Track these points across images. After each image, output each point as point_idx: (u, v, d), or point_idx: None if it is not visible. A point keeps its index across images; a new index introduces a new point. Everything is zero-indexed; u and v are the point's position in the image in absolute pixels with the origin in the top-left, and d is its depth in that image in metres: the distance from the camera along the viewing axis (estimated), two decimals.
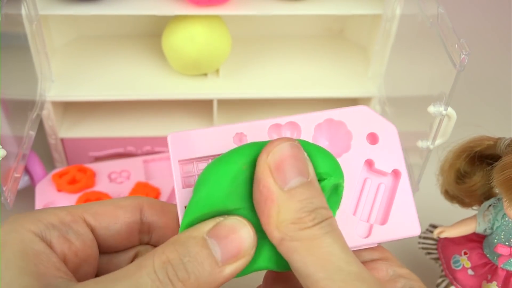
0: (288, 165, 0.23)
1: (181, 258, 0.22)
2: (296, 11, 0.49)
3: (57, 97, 0.50)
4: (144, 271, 0.22)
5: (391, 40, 0.50)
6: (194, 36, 0.49)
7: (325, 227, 0.23)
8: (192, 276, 0.22)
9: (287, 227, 0.23)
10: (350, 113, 0.28)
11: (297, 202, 0.23)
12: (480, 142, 0.37)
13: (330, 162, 0.26)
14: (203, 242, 0.23)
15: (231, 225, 0.24)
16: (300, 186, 0.23)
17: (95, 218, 0.27)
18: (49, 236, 0.25)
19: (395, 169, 0.28)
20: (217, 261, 0.23)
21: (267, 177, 0.23)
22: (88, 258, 0.26)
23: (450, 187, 0.40)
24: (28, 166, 0.48)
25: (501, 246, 0.37)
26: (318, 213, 0.23)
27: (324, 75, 0.55)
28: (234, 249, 0.23)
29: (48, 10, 0.47)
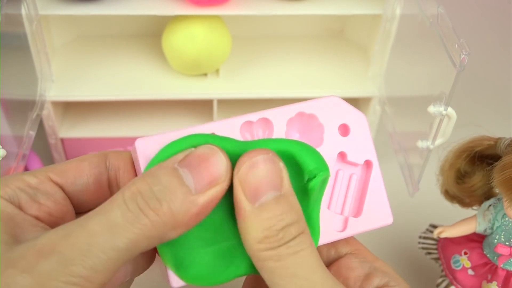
0: (260, 179, 0.23)
1: (151, 188, 0.22)
2: (296, 11, 0.49)
3: (57, 97, 0.50)
4: (115, 204, 0.21)
5: (391, 40, 0.50)
6: (194, 36, 0.49)
7: (293, 247, 0.23)
8: (164, 204, 0.21)
9: (254, 246, 0.23)
10: (320, 104, 0.28)
11: (265, 220, 0.23)
12: (480, 142, 0.37)
13: (317, 157, 0.25)
14: (173, 172, 0.22)
15: (202, 153, 0.23)
16: (271, 202, 0.23)
17: (61, 176, 0.26)
18: (18, 199, 0.24)
19: (367, 160, 0.28)
20: (189, 189, 0.22)
21: (238, 193, 0.23)
22: (65, 216, 0.26)
23: (450, 187, 0.40)
24: (28, 166, 0.48)
25: (501, 246, 0.37)
26: (287, 231, 0.23)
27: (324, 75, 0.55)
28: (207, 176, 0.23)
29: (48, 10, 0.47)
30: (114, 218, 0.21)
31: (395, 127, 0.49)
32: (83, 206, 0.27)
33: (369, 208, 0.28)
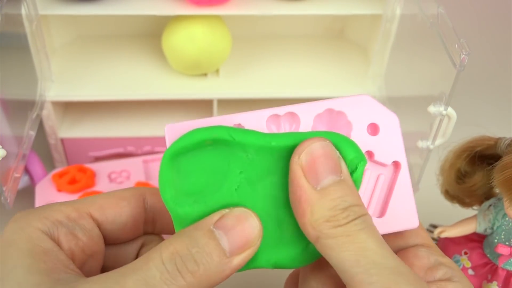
0: (320, 164, 0.24)
1: (189, 249, 0.22)
2: (296, 11, 0.49)
3: (57, 97, 0.50)
4: (152, 264, 0.22)
5: (391, 40, 0.50)
6: (194, 36, 0.49)
7: (359, 224, 0.23)
8: (201, 267, 0.22)
9: (321, 225, 0.23)
10: (350, 102, 0.27)
11: (330, 200, 0.23)
12: (481, 142, 0.37)
13: (354, 146, 0.26)
14: (210, 234, 0.23)
15: (237, 216, 0.24)
16: (333, 184, 0.24)
17: (101, 213, 0.27)
18: (57, 233, 0.25)
19: (395, 161, 0.28)
20: (225, 252, 0.23)
21: (299, 177, 0.24)
22: (94, 254, 0.26)
23: (451, 187, 0.40)
24: (28, 166, 0.48)
25: (502, 246, 0.37)
26: (352, 210, 0.23)
27: (324, 75, 0.55)
28: (241, 240, 0.23)
29: (48, 10, 0.47)
30: (152, 279, 0.22)
31: None
32: (115, 240, 0.28)
33: (394, 210, 0.28)
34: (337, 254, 0.23)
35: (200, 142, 0.25)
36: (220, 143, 0.25)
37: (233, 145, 0.25)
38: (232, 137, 0.25)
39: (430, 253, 0.27)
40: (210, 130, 0.25)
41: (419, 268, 0.27)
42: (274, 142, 0.25)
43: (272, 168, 0.26)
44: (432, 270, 0.27)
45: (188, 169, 0.25)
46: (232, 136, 0.25)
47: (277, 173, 0.26)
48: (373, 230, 0.23)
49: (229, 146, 0.25)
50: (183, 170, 0.25)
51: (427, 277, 0.26)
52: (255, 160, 0.25)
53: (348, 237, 0.23)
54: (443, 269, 0.26)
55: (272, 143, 0.25)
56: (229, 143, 0.25)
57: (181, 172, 0.25)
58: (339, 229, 0.23)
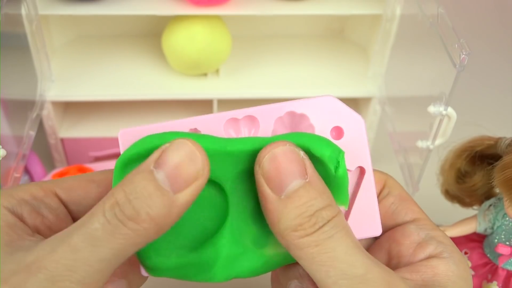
0: (282, 170, 0.23)
1: (128, 197, 0.22)
2: (296, 11, 0.49)
3: (57, 97, 0.50)
4: (95, 218, 0.22)
5: (391, 40, 0.50)
6: (194, 36, 0.49)
7: (327, 231, 0.23)
8: (142, 212, 0.21)
9: (289, 236, 0.23)
10: (313, 104, 0.26)
11: (295, 208, 0.23)
12: (481, 141, 0.37)
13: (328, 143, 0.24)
14: (149, 175, 0.22)
15: (175, 150, 0.22)
16: (298, 190, 0.23)
17: (67, 193, 0.26)
18: (20, 210, 0.25)
19: (360, 166, 0.27)
20: (167, 192, 0.22)
21: (263, 187, 0.23)
22: None
23: (451, 187, 0.40)
24: (28, 166, 0.48)
25: (502, 246, 0.37)
26: (319, 216, 0.23)
27: (324, 75, 0.55)
28: (184, 175, 0.22)
29: (48, 10, 0.47)
30: (95, 231, 0.21)
31: (395, 127, 0.49)
32: None
33: (357, 216, 0.27)
34: (308, 265, 0.23)
35: (152, 149, 0.24)
36: None
37: None
38: None
39: (419, 229, 0.27)
40: (163, 137, 0.24)
41: (407, 247, 0.26)
42: (229, 147, 0.24)
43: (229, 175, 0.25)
44: (422, 245, 0.26)
45: None
46: None
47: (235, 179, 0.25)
48: (343, 236, 0.23)
49: None
50: None
51: (416, 254, 0.26)
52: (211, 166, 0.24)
53: (317, 247, 0.22)
54: (433, 243, 0.26)
55: (228, 148, 0.24)
56: None
57: None
58: (306, 239, 0.22)
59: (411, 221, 0.27)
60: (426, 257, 0.26)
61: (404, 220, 0.28)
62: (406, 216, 0.28)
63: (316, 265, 0.22)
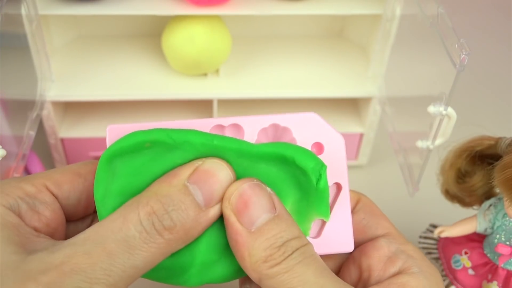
0: (251, 205, 0.24)
1: (166, 208, 0.23)
2: (296, 11, 0.49)
3: (57, 97, 0.50)
4: (131, 224, 0.22)
5: (391, 40, 0.50)
6: (194, 36, 0.49)
7: (296, 257, 0.23)
8: (178, 224, 0.23)
9: (260, 267, 0.23)
10: (297, 119, 0.27)
11: (265, 240, 0.23)
12: (481, 141, 0.37)
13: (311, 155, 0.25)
14: (185, 190, 0.23)
15: (209, 168, 0.24)
16: (267, 223, 0.24)
17: (57, 188, 0.26)
18: (18, 210, 0.25)
19: (336, 182, 0.27)
20: (200, 206, 0.23)
21: (233, 222, 0.24)
22: (58, 227, 0.26)
23: (451, 187, 0.40)
24: (28, 166, 0.48)
25: (502, 246, 0.37)
26: (288, 245, 0.23)
27: (324, 75, 0.55)
28: (216, 191, 0.24)
29: (48, 10, 0.47)
30: (132, 239, 0.22)
31: (395, 127, 0.49)
32: (71, 216, 0.28)
33: (331, 232, 0.27)
34: None
35: (137, 144, 0.25)
36: (159, 146, 0.25)
37: (173, 148, 0.25)
38: (171, 139, 0.25)
39: (390, 242, 0.27)
40: (149, 133, 0.25)
41: (377, 260, 0.27)
42: (216, 141, 0.25)
43: None
44: (392, 259, 0.27)
45: (122, 171, 0.25)
46: (171, 137, 0.25)
47: None
48: (312, 261, 0.24)
49: (168, 149, 0.25)
50: (118, 172, 0.25)
51: (387, 269, 0.26)
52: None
53: (287, 273, 0.23)
54: (402, 258, 0.26)
55: (214, 141, 0.25)
56: (169, 146, 0.25)
57: (115, 174, 0.25)
58: (276, 268, 0.23)
59: (382, 235, 0.28)
60: (396, 271, 0.26)
61: (375, 235, 0.28)
62: (377, 231, 0.28)
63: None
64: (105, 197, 0.25)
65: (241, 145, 0.25)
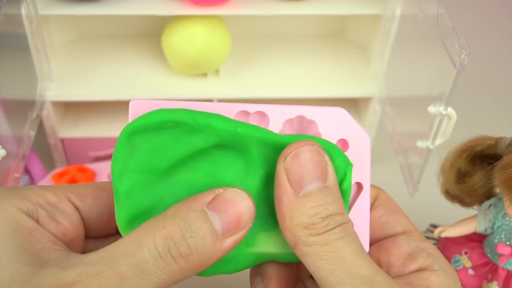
0: (305, 169, 0.23)
1: (183, 234, 0.22)
2: (296, 11, 0.49)
3: (57, 97, 0.50)
4: (146, 248, 0.22)
5: (391, 40, 0.50)
6: (194, 36, 0.49)
7: (337, 233, 0.23)
8: (194, 251, 0.22)
9: (299, 232, 0.23)
10: (324, 113, 0.26)
11: (310, 208, 0.23)
12: (481, 141, 0.37)
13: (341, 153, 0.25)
14: (203, 215, 0.23)
15: (231, 197, 0.23)
16: (316, 191, 0.23)
17: (80, 199, 0.26)
18: (37, 215, 0.24)
19: (358, 182, 0.27)
20: (218, 235, 0.23)
21: (283, 181, 0.23)
22: (76, 239, 0.26)
23: (451, 187, 0.40)
24: (28, 166, 0.48)
25: (502, 246, 0.37)
26: (332, 219, 0.23)
27: (324, 75, 0.55)
28: (234, 222, 0.23)
29: (48, 10, 0.47)
30: (145, 264, 0.21)
31: (395, 127, 0.49)
32: (91, 232, 0.27)
33: None
34: (314, 262, 0.23)
35: (161, 123, 0.24)
36: (182, 126, 0.24)
37: (196, 130, 0.24)
38: (195, 121, 0.24)
39: (409, 240, 0.27)
40: (173, 112, 0.24)
41: (398, 257, 0.27)
42: (240, 129, 0.24)
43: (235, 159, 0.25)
44: (413, 257, 0.26)
45: (142, 148, 0.24)
46: (195, 119, 0.24)
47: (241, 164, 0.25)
48: (352, 239, 0.23)
49: (191, 131, 0.24)
50: (138, 148, 0.24)
51: (407, 265, 0.26)
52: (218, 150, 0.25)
53: (325, 246, 0.23)
54: (423, 255, 0.26)
55: (238, 129, 0.24)
56: (192, 128, 0.24)
57: (135, 150, 0.24)
58: (316, 238, 0.23)
59: (401, 232, 0.28)
60: (417, 268, 0.26)
61: (394, 232, 0.28)
62: (396, 228, 0.28)
63: (321, 263, 0.23)
64: (122, 172, 0.24)
65: (265, 134, 0.25)
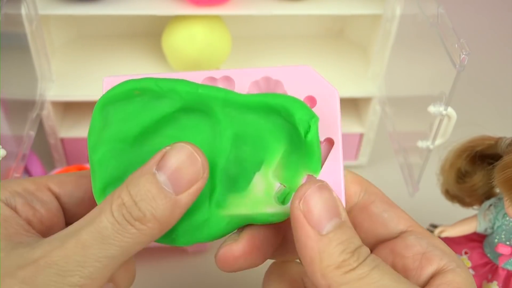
0: (321, 209, 0.23)
1: (134, 199, 0.23)
2: (296, 11, 0.49)
3: (57, 97, 0.50)
4: (104, 216, 0.22)
5: (391, 40, 0.50)
6: (194, 36, 0.49)
7: (370, 263, 0.23)
8: (147, 213, 0.22)
9: (332, 273, 0.23)
10: (290, 72, 0.26)
11: (337, 245, 0.23)
12: (481, 141, 0.37)
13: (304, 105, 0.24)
14: (152, 178, 0.23)
15: (176, 153, 0.23)
16: (337, 227, 0.23)
17: (59, 186, 0.27)
18: (14, 202, 0.25)
19: (328, 138, 0.26)
20: (169, 193, 0.23)
21: (303, 224, 0.23)
22: (54, 226, 0.27)
23: (451, 187, 0.40)
24: (28, 166, 0.48)
25: (502, 246, 0.37)
26: (360, 252, 0.23)
27: (324, 75, 0.54)
28: (185, 177, 0.23)
29: (48, 10, 0.47)
30: (105, 230, 0.22)
31: (395, 127, 0.49)
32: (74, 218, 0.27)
33: None
34: None
35: (128, 92, 0.25)
36: (148, 93, 0.25)
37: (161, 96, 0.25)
38: (159, 86, 0.25)
39: (419, 239, 0.26)
40: (139, 81, 0.25)
41: (412, 259, 0.26)
42: (201, 90, 0.25)
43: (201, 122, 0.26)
44: (427, 256, 0.26)
45: (114, 118, 0.25)
46: (159, 85, 0.25)
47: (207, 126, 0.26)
48: (384, 266, 0.23)
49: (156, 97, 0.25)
50: (110, 119, 0.25)
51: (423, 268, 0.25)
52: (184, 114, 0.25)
53: (362, 280, 0.22)
54: (437, 253, 0.26)
55: (199, 90, 0.25)
56: (156, 94, 0.25)
57: (107, 121, 0.25)
58: (352, 274, 0.22)
59: (407, 231, 0.27)
60: (434, 270, 0.25)
61: (397, 229, 0.27)
62: (399, 225, 0.27)
63: None
64: (96, 144, 0.25)
65: (227, 94, 0.25)
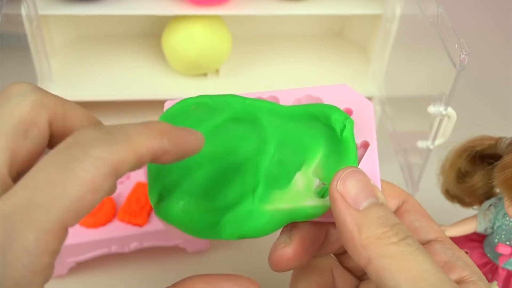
0: (358, 189, 0.24)
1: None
2: (296, 11, 0.49)
3: None
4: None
5: (391, 40, 0.50)
6: (194, 36, 0.49)
7: (412, 244, 0.22)
8: None
9: (373, 244, 0.22)
10: (329, 90, 0.29)
11: (376, 218, 0.23)
12: (481, 141, 0.37)
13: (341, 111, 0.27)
14: None
15: None
16: (374, 205, 0.23)
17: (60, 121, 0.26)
18: None
19: (364, 141, 0.28)
20: None
21: (340, 202, 0.24)
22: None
23: (451, 187, 0.40)
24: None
25: (502, 246, 0.37)
26: (400, 228, 0.23)
27: (324, 75, 0.55)
28: None
29: (48, 10, 0.47)
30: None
31: (395, 127, 0.49)
32: None
33: None
34: (394, 276, 0.21)
35: (185, 107, 0.28)
36: (203, 107, 0.28)
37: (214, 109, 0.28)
38: (213, 100, 0.28)
39: (445, 248, 0.27)
40: (194, 97, 0.29)
41: None
42: (248, 100, 0.28)
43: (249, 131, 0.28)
44: (450, 265, 0.26)
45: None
46: (213, 99, 0.28)
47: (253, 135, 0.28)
48: (425, 251, 0.22)
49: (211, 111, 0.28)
50: None
51: None
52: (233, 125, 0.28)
53: (405, 257, 0.22)
54: (460, 264, 0.26)
55: (247, 101, 0.28)
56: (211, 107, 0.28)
57: None
58: (393, 248, 0.22)
59: (435, 240, 0.28)
60: (455, 279, 0.25)
61: (427, 237, 0.28)
62: (429, 234, 0.28)
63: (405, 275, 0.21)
64: None
65: (272, 105, 0.28)
